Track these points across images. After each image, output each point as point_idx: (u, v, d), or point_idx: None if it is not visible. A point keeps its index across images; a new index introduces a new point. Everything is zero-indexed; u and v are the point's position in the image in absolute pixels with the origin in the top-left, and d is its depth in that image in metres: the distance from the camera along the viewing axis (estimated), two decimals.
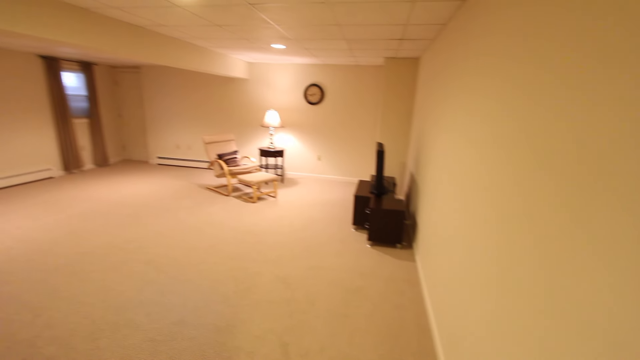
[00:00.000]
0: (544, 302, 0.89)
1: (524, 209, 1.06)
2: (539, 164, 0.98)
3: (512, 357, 1.05)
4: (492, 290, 1.26)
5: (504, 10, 1.41)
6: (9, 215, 3.90)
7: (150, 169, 6.54)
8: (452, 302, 1.81)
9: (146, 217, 4.04)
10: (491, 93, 1.48)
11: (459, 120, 2.05)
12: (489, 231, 1.35)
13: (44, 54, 5.22)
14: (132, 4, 2.60)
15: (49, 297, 2.42)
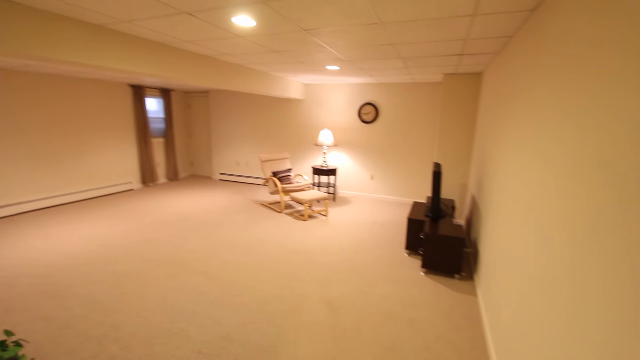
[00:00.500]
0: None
1: (625, 245, 0.86)
2: (624, 190, 0.79)
3: None
4: (574, 342, 1.04)
5: (578, 19, 1.23)
6: (95, 222, 4.48)
7: (212, 184, 7.05)
8: (523, 349, 1.55)
9: (205, 229, 4.31)
10: (565, 109, 1.29)
11: (528, 139, 1.82)
12: (573, 268, 1.13)
13: (133, 83, 6.06)
14: (202, 37, 2.89)
15: (118, 300, 2.66)
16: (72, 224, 4.39)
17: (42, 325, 2.34)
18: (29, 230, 4.11)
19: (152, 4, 2.07)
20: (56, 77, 5.05)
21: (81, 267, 3.20)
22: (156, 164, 6.94)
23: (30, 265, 3.20)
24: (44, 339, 2.20)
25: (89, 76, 5.09)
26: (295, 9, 2.09)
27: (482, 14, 2.10)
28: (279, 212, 5.15)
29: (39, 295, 2.71)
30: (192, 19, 2.37)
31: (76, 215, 4.75)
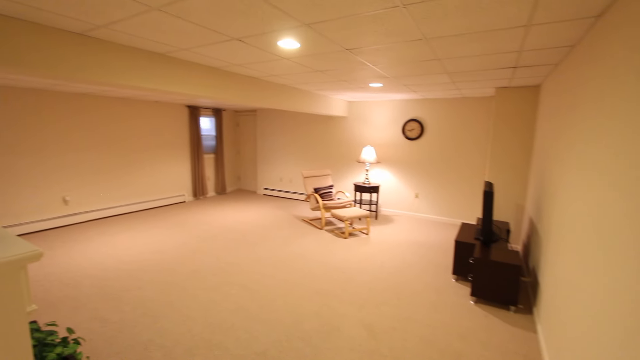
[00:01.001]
0: None
1: None
2: None
3: None
4: None
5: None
6: (151, 231, 4.84)
7: (257, 199, 7.30)
8: None
9: (247, 243, 4.43)
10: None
11: (595, 156, 1.62)
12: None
13: (189, 104, 6.60)
14: (250, 61, 3.06)
15: (165, 307, 2.81)
16: (131, 232, 4.79)
17: (98, 325, 2.54)
18: (95, 237, 4.56)
19: (207, 33, 2.25)
20: (124, 100, 5.69)
21: (135, 272, 3.45)
22: (206, 178, 7.38)
23: (94, 268, 3.52)
24: (99, 339, 2.37)
25: (151, 98, 5.66)
26: (338, 30, 2.13)
27: (538, 24, 1.95)
28: (319, 229, 5.14)
29: (98, 296, 2.96)
30: (241, 45, 2.53)
31: (134, 224, 5.19)
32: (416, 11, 1.80)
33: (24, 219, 4.57)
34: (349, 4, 1.73)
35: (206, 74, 3.32)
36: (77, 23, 2.09)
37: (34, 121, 4.59)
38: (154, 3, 1.76)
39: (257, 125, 7.71)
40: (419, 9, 1.77)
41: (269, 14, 1.89)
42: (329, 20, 1.98)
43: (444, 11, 1.79)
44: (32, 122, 4.58)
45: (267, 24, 2.05)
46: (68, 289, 3.09)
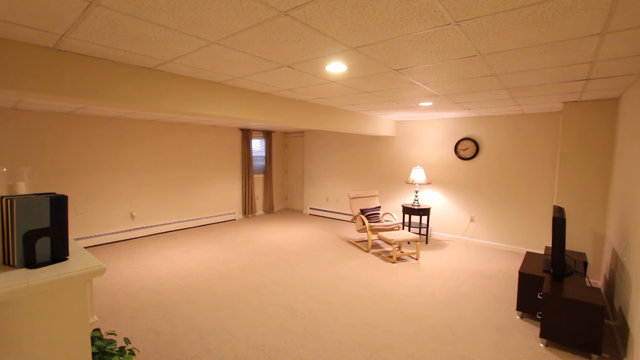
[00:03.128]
0: None
1: None
2: None
3: None
4: None
5: None
6: (203, 247, 5.09)
7: (303, 218, 7.36)
8: None
9: (293, 263, 4.43)
10: None
11: None
12: None
13: (242, 127, 7.01)
14: (299, 85, 3.17)
15: (212, 323, 2.88)
16: (185, 247, 5.09)
17: (153, 336, 2.67)
18: (154, 250, 4.92)
19: (259, 62, 2.38)
20: (185, 125, 6.22)
21: (187, 286, 3.61)
22: (256, 197, 7.67)
23: (151, 281, 3.77)
24: (151, 350, 2.48)
25: (209, 123, 6.12)
26: (386, 51, 2.11)
27: (615, 31, 1.74)
28: (365, 252, 4.98)
29: (154, 308, 3.13)
30: (291, 71, 2.63)
31: (189, 239, 5.52)
32: (470, 27, 1.71)
33: (98, 232, 5.12)
34: (397, 26, 1.70)
35: (258, 99, 3.50)
36: (149, 60, 2.35)
37: (109, 145, 5.21)
38: (212, 37, 1.91)
39: (304, 146, 7.90)
40: (473, 25, 1.68)
41: (317, 41, 1.94)
42: (377, 43, 1.97)
43: (500, 26, 1.68)
44: (108, 145, 5.20)
45: (316, 50, 2.11)
46: (129, 299, 3.33)
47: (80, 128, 4.88)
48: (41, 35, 1.87)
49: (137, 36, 1.89)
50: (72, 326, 1.13)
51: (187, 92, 2.85)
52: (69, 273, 1.08)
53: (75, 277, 1.10)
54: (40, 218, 1.16)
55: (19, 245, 1.11)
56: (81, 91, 2.25)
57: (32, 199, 1.14)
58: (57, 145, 4.66)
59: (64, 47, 2.08)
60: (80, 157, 4.89)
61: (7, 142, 4.24)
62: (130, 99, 2.51)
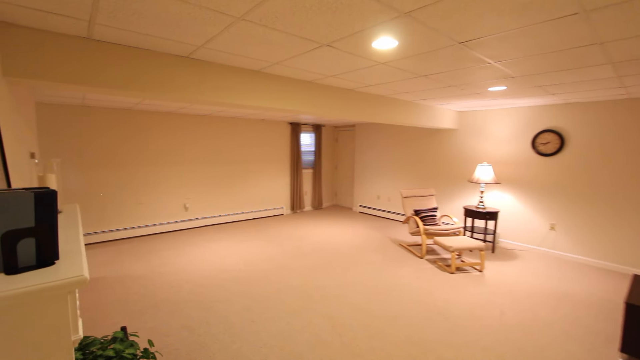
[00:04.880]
0: None
1: None
2: None
3: None
4: None
5: None
6: (249, 242, 5.06)
7: (352, 216, 7.01)
8: None
9: (337, 265, 4.13)
10: None
11: None
12: None
13: (291, 121, 6.88)
14: (342, 70, 2.82)
15: (246, 326, 2.71)
16: (231, 241, 5.10)
17: (186, 334, 2.59)
18: (202, 243, 5.01)
19: (294, 42, 2.09)
20: (235, 119, 6.27)
21: (227, 283, 3.54)
22: (304, 192, 7.52)
23: (194, 274, 3.78)
24: (182, 350, 2.39)
25: (257, 117, 6.07)
26: (447, 15, 1.66)
27: None
28: (419, 257, 4.46)
29: (193, 303, 3.09)
30: (331, 52, 2.30)
31: (236, 233, 5.54)
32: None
33: (155, 221, 5.40)
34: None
35: (300, 88, 3.23)
36: (181, 46, 2.21)
37: (166, 139, 5.44)
38: (234, 12, 1.66)
39: (355, 140, 7.51)
40: None
41: (359, 6, 1.58)
42: (435, 3, 1.54)
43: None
44: (165, 140, 5.43)
45: (358, 20, 1.74)
46: (172, 291, 3.35)
47: (139, 123, 5.15)
48: (72, 23, 1.82)
49: (156, 14, 1.73)
50: (47, 346, 0.96)
51: (223, 81, 2.69)
52: (35, 286, 0.90)
53: (51, 289, 0.93)
54: (24, 216, 1.02)
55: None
56: (116, 82, 2.20)
57: (13, 194, 1.00)
58: (119, 139, 4.98)
59: (96, 35, 2.02)
60: (140, 150, 5.18)
61: (77, 136, 4.63)
62: (166, 89, 2.42)
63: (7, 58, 1.84)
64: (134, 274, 3.78)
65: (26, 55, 1.89)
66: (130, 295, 3.26)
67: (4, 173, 1.51)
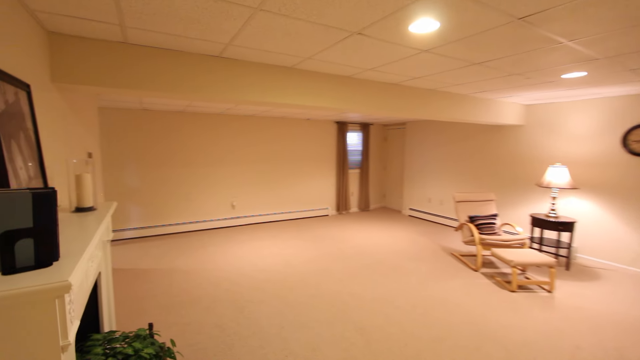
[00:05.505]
0: None
1: None
2: None
3: None
4: None
5: None
6: (290, 242, 5.02)
7: (400, 219, 6.60)
8: None
9: (379, 272, 3.86)
10: None
11: None
12: None
13: (338, 120, 6.71)
14: (381, 62, 2.57)
15: (276, 331, 2.63)
16: (273, 240, 5.12)
17: (216, 333, 2.59)
18: (246, 241, 5.11)
19: (319, 31, 1.93)
20: (280, 119, 6.30)
21: (263, 284, 3.51)
22: (350, 193, 7.31)
23: (234, 272, 3.84)
24: (210, 349, 2.38)
25: (302, 116, 6.03)
26: None
27: None
28: (473, 270, 3.98)
29: (228, 302, 3.11)
30: (364, 40, 2.08)
31: (279, 232, 5.56)
32: None
33: (205, 218, 5.68)
34: None
35: (338, 84, 3.06)
36: (210, 44, 2.19)
37: (215, 139, 5.68)
38: (249, 1, 1.55)
39: (405, 139, 7.07)
40: None
41: None
42: None
43: None
44: (214, 140, 5.67)
45: None
46: (210, 287, 3.43)
47: (190, 125, 5.45)
48: (106, 28, 1.89)
49: (174, 11, 1.70)
50: (33, 351, 0.94)
51: (255, 78, 2.64)
52: (7, 291, 0.88)
53: (36, 293, 0.91)
54: (22, 216, 1.02)
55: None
56: (154, 85, 2.26)
57: (10, 194, 1.00)
58: (173, 140, 5.33)
59: (130, 39, 2.09)
60: (191, 151, 5.48)
61: (137, 137, 5.06)
62: (203, 91, 2.43)
63: (56, 65, 1.98)
64: (180, 267, 3.97)
65: (71, 62, 2.02)
66: (174, 288, 3.41)
67: (40, 171, 1.60)
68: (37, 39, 1.80)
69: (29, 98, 1.58)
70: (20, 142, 1.41)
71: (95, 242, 1.40)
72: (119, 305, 3.06)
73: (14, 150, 1.33)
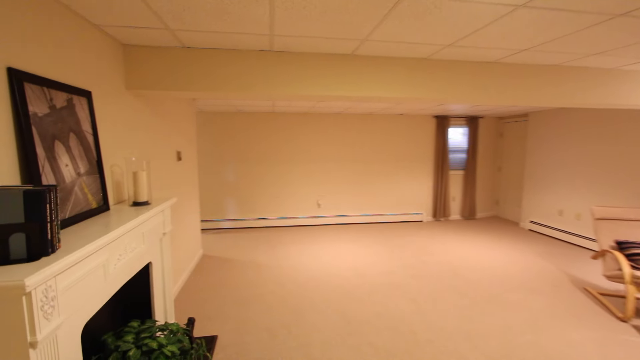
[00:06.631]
0: None
1: None
2: None
3: None
4: None
5: None
6: (370, 248, 4.63)
7: (516, 234, 5.32)
8: None
9: (469, 299, 3.12)
10: None
11: None
12: None
13: (437, 114, 5.88)
14: (460, 34, 1.97)
15: (324, 349, 2.37)
16: (353, 243, 4.83)
17: (264, 337, 2.51)
18: (325, 242, 4.97)
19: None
20: (367, 116, 5.91)
21: (328, 291, 3.28)
22: (451, 198, 6.33)
23: (303, 274, 3.73)
24: (252, 352, 2.30)
25: (394, 112, 5.49)
26: None
27: None
28: (619, 319, 2.79)
29: (286, 307, 3.01)
30: (426, 3, 1.59)
31: (361, 236, 5.22)
32: None
33: (291, 214, 5.85)
34: None
35: (410, 69, 2.55)
36: (254, 37, 2.09)
37: (302, 138, 5.75)
38: None
39: (527, 134, 5.64)
40: None
41: None
42: None
43: None
44: (301, 138, 5.75)
45: None
46: (276, 287, 3.42)
47: (277, 124, 5.67)
48: (159, 34, 2.00)
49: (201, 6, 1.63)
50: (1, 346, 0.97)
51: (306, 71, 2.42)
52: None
53: None
54: (14, 212, 1.08)
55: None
56: (208, 85, 2.32)
57: (2, 191, 1.06)
58: (264, 139, 5.65)
59: (186, 43, 2.17)
60: (279, 148, 5.71)
61: (234, 138, 5.56)
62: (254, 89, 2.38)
63: (129, 74, 2.23)
64: (256, 261, 4.14)
65: (140, 69, 2.24)
66: (246, 281, 3.55)
67: (98, 169, 1.79)
68: (109, 51, 2.03)
69: (89, 104, 1.77)
70: (70, 142, 1.58)
71: (115, 236, 1.45)
72: (188, 291, 3.34)
73: (57, 149, 1.49)
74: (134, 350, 1.62)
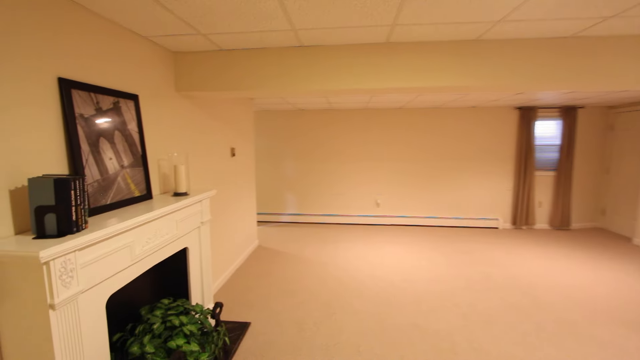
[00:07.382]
0: None
1: None
2: None
3: None
4: None
5: None
6: (427, 252, 4.26)
7: (626, 252, 4.25)
8: None
9: (536, 324, 2.62)
10: None
11: None
12: None
13: (521, 105, 5.06)
14: (512, 3, 1.63)
15: (352, 353, 2.29)
16: (407, 246, 4.50)
17: (293, 331, 2.54)
18: (381, 243, 4.76)
19: None
20: (431, 110, 5.40)
21: (368, 294, 3.15)
22: (536, 203, 5.39)
23: (348, 275, 3.64)
24: (277, 344, 2.35)
25: (465, 104, 4.91)
26: None
27: None
28: None
29: (322, 302, 2.99)
30: None
31: (419, 240, 4.84)
32: None
33: (350, 212, 5.78)
34: None
35: (457, 54, 2.24)
36: (279, 34, 2.10)
37: (359, 136, 5.60)
38: None
39: None
40: None
41: None
42: None
43: None
44: (358, 136, 5.61)
45: None
46: (316, 282, 3.42)
47: (336, 120, 5.63)
48: (193, 39, 2.18)
49: (214, 7, 1.70)
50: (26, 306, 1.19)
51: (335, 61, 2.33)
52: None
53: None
54: (47, 196, 1.31)
55: (32, 218, 1.31)
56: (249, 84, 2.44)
57: (39, 180, 1.30)
58: (322, 136, 5.69)
59: (223, 45, 2.31)
60: (337, 145, 5.68)
61: (293, 135, 5.73)
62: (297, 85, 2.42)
63: (178, 78, 2.49)
64: (305, 256, 4.22)
65: (187, 73, 2.48)
66: (293, 274, 3.64)
67: (142, 162, 2.06)
68: (158, 59, 2.30)
69: (136, 106, 2.04)
70: (115, 139, 1.85)
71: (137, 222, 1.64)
72: (239, 277, 3.57)
73: (102, 145, 1.75)
74: (158, 324, 1.82)
